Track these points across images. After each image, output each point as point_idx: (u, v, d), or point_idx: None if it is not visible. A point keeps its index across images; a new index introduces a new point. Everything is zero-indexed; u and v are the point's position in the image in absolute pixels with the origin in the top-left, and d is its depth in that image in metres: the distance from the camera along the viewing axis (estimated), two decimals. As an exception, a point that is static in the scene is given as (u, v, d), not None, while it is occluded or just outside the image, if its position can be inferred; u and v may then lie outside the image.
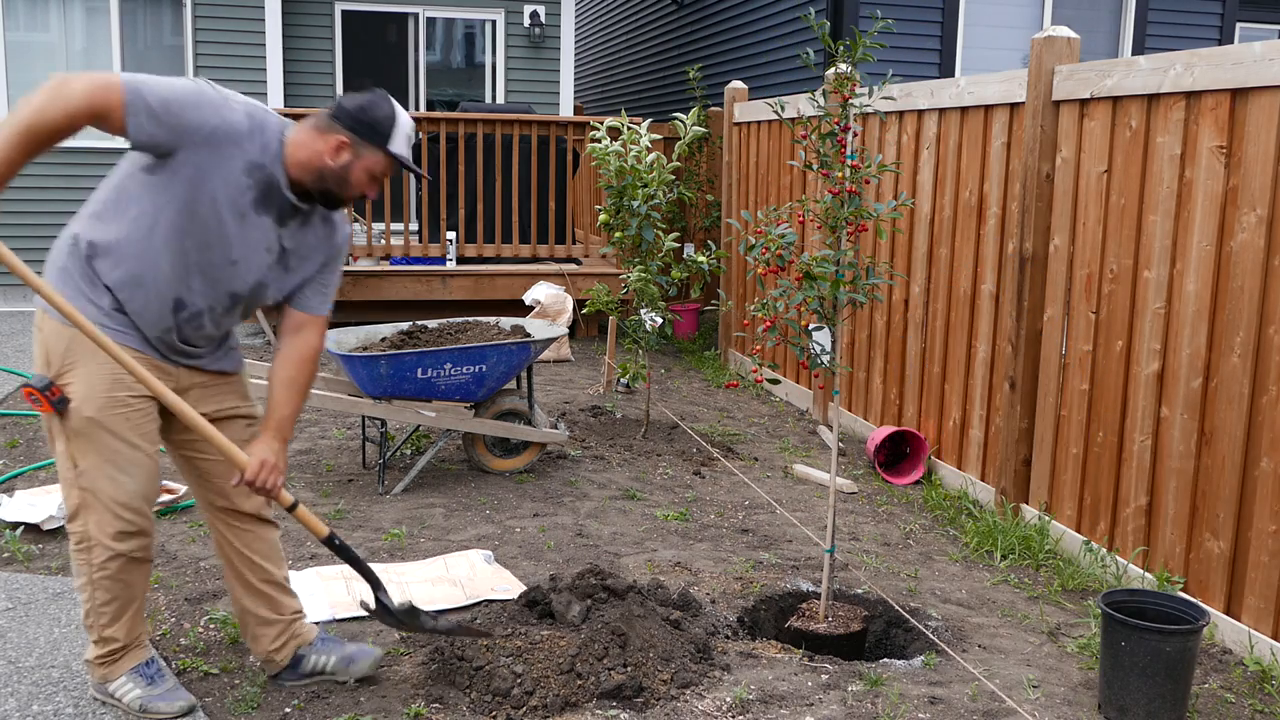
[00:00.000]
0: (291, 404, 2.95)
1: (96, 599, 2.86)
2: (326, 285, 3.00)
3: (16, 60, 10.09)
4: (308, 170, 2.78)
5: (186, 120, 2.62)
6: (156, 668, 3.01)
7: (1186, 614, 3.22)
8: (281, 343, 2.98)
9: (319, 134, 2.78)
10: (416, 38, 11.52)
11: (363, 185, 2.83)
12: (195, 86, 2.67)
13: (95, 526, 2.78)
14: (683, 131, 6.50)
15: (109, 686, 2.98)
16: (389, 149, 2.81)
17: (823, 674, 3.34)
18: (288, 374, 2.95)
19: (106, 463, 2.76)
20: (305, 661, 3.19)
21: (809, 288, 3.51)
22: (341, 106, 2.79)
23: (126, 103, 2.56)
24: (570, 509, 4.85)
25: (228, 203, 2.72)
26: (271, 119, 2.78)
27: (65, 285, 2.76)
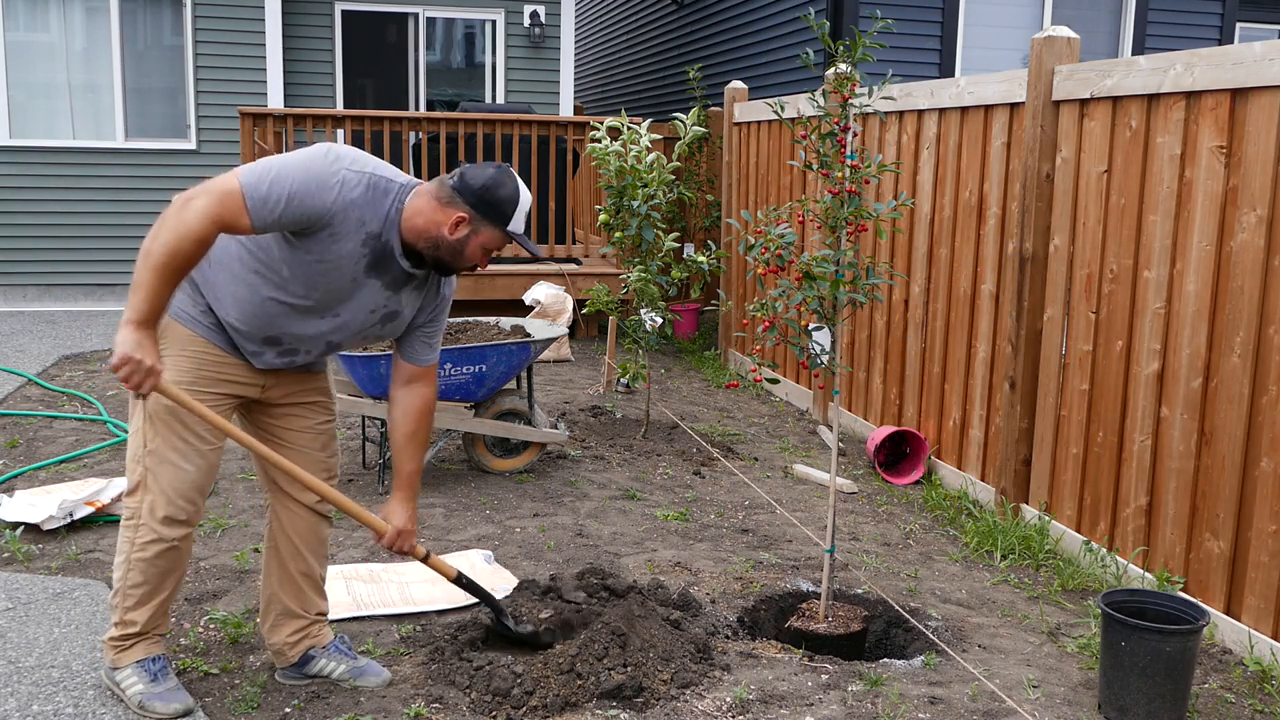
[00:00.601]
0: (416, 459, 3.06)
1: (129, 579, 2.91)
2: (433, 336, 3.05)
3: (16, 60, 10.09)
4: (423, 238, 2.81)
5: (309, 209, 2.67)
6: (162, 665, 3.02)
7: (1186, 614, 3.22)
8: (396, 396, 3.04)
9: (439, 206, 2.80)
10: (416, 38, 11.52)
11: (476, 258, 2.87)
12: (315, 168, 2.68)
13: (148, 508, 2.86)
14: (683, 131, 6.50)
15: (117, 674, 3.01)
16: (509, 230, 2.85)
17: (823, 674, 3.34)
18: (408, 429, 3.03)
19: (174, 449, 2.84)
20: (313, 663, 3.20)
21: (809, 288, 3.51)
22: (467, 182, 2.80)
23: (250, 210, 2.62)
24: (570, 509, 4.85)
25: (342, 270, 2.78)
26: (393, 186, 2.79)
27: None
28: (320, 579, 3.23)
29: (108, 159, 10.25)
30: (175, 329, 2.84)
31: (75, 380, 6.99)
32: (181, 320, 2.84)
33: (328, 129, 8.80)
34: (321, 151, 2.73)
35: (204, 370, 2.85)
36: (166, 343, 2.81)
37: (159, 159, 10.34)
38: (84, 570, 4.01)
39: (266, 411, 3.04)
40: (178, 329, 2.84)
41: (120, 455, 5.42)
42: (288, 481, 3.08)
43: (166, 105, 10.45)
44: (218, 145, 10.35)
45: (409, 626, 3.60)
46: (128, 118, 10.32)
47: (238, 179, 2.64)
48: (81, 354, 7.81)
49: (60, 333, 8.55)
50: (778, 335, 3.59)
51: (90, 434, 5.79)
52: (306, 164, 2.69)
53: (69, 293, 10.29)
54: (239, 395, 2.95)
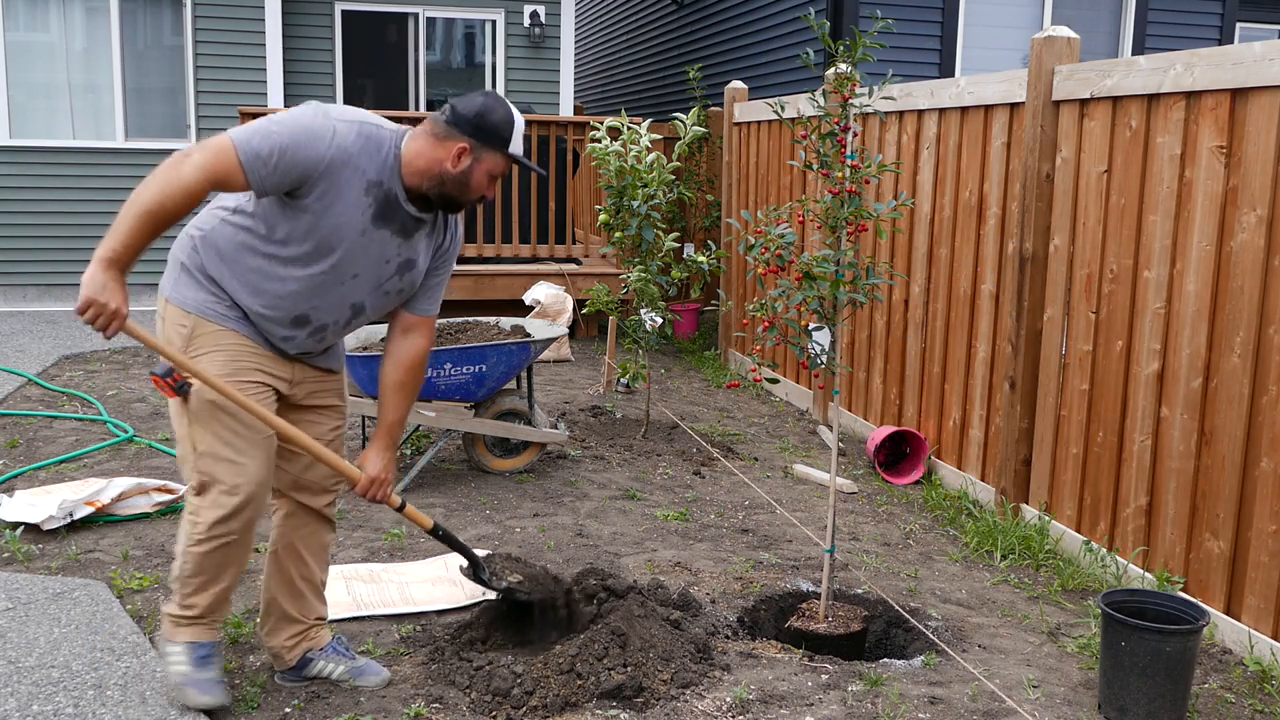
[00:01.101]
0: (401, 409, 3.04)
1: (185, 569, 2.92)
2: (436, 287, 3.05)
3: (16, 60, 10.09)
4: (427, 178, 2.81)
5: (303, 160, 2.67)
6: (208, 653, 2.99)
7: (1186, 614, 3.22)
8: (391, 345, 3.04)
9: (438, 142, 2.80)
10: (416, 38, 11.51)
11: (483, 188, 2.87)
12: (305, 121, 2.70)
13: (208, 505, 2.85)
14: (683, 131, 6.50)
15: (168, 645, 3.00)
16: (510, 152, 2.85)
17: (823, 674, 3.34)
18: (398, 378, 3.03)
19: (225, 445, 2.83)
20: (312, 665, 3.20)
21: (809, 288, 3.51)
22: (459, 112, 2.81)
23: (244, 163, 2.62)
24: (570, 509, 4.85)
25: (349, 223, 2.77)
26: (385, 133, 2.81)
27: (186, 278, 2.85)
28: (321, 584, 3.24)
29: (108, 159, 10.25)
30: (205, 326, 2.83)
31: (75, 380, 6.99)
32: (209, 317, 2.84)
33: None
34: (311, 107, 2.75)
35: (240, 360, 2.85)
36: (198, 340, 2.82)
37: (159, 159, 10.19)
38: (84, 570, 4.01)
39: (287, 415, 3.02)
40: (207, 326, 2.83)
41: (119, 455, 5.43)
42: (295, 488, 3.09)
43: (166, 105, 10.45)
44: (218, 145, 10.34)
45: (409, 626, 3.60)
46: (128, 118, 10.32)
47: (230, 136, 2.64)
48: (81, 354, 7.81)
49: (60, 333, 8.55)
50: (778, 335, 3.59)
51: (90, 434, 5.79)
52: (297, 118, 2.71)
53: (69, 293, 10.28)
54: (275, 386, 2.94)
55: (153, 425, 5.98)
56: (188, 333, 2.83)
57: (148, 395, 6.66)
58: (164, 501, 4.60)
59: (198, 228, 2.88)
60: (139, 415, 6.18)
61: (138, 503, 4.56)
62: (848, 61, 3.52)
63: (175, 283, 2.88)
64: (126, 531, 4.39)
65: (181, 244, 2.91)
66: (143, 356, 7.84)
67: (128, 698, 3.08)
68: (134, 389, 6.82)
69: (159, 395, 6.66)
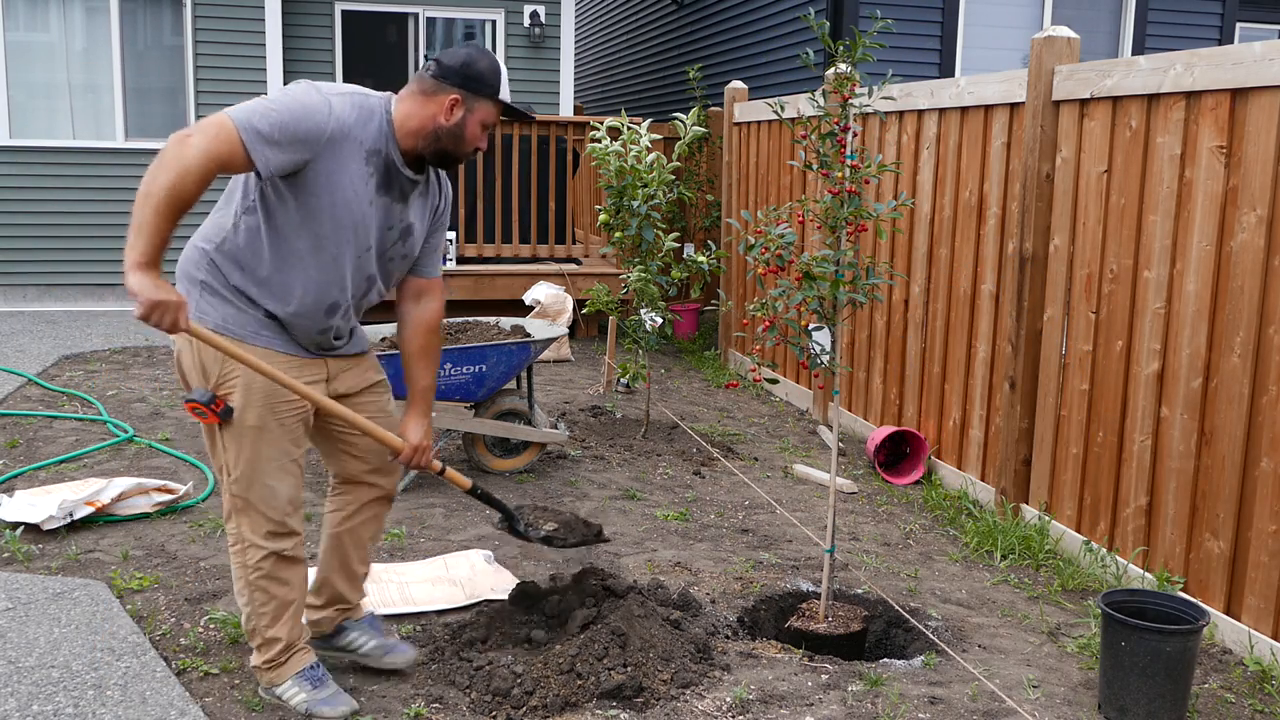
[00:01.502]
0: (429, 374, 3.09)
1: (255, 601, 2.93)
2: (437, 247, 3.08)
3: (16, 60, 10.09)
4: (421, 136, 2.82)
5: (303, 134, 2.66)
6: (322, 672, 3.05)
7: (1186, 614, 3.22)
8: (405, 312, 3.07)
9: (427, 98, 2.82)
10: (416, 38, 11.52)
11: (476, 139, 2.88)
12: (299, 96, 2.70)
13: (249, 528, 2.88)
14: (683, 131, 6.50)
15: (277, 689, 3.03)
16: (500, 98, 2.86)
17: (823, 674, 3.34)
18: (420, 344, 3.06)
19: (260, 470, 2.85)
20: (344, 634, 3.25)
21: (809, 288, 3.51)
22: (445, 65, 2.82)
23: (245, 142, 2.59)
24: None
25: (356, 196, 2.77)
26: (374, 100, 2.83)
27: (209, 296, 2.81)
28: (369, 566, 3.29)
29: (108, 159, 10.25)
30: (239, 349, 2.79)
31: (75, 380, 6.98)
32: (241, 337, 2.80)
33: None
34: (303, 84, 2.75)
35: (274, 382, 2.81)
36: (232, 365, 2.78)
37: (159, 159, 10.33)
38: (84, 570, 4.01)
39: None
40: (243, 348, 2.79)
41: (119, 455, 5.43)
42: (373, 474, 3.11)
43: (166, 105, 10.45)
44: (218, 145, 10.34)
45: (409, 626, 3.60)
46: (128, 118, 10.32)
47: (228, 115, 2.61)
48: (81, 354, 7.81)
49: (60, 333, 8.55)
50: (778, 335, 3.59)
51: (90, 434, 5.79)
52: (293, 94, 2.70)
53: (69, 293, 10.29)
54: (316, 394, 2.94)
55: (153, 425, 5.98)
56: (221, 354, 2.79)
57: (148, 395, 6.66)
58: (164, 501, 4.60)
59: (208, 240, 2.82)
60: (139, 415, 6.18)
61: (138, 503, 4.56)
62: (848, 61, 3.52)
63: (197, 303, 2.79)
64: (126, 531, 4.39)
65: (194, 260, 2.84)
66: (142, 357, 7.84)
67: (128, 698, 3.08)
68: (134, 389, 6.82)
69: (159, 395, 6.66)
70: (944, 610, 3.88)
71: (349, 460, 3.10)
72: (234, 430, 2.81)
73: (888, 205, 3.55)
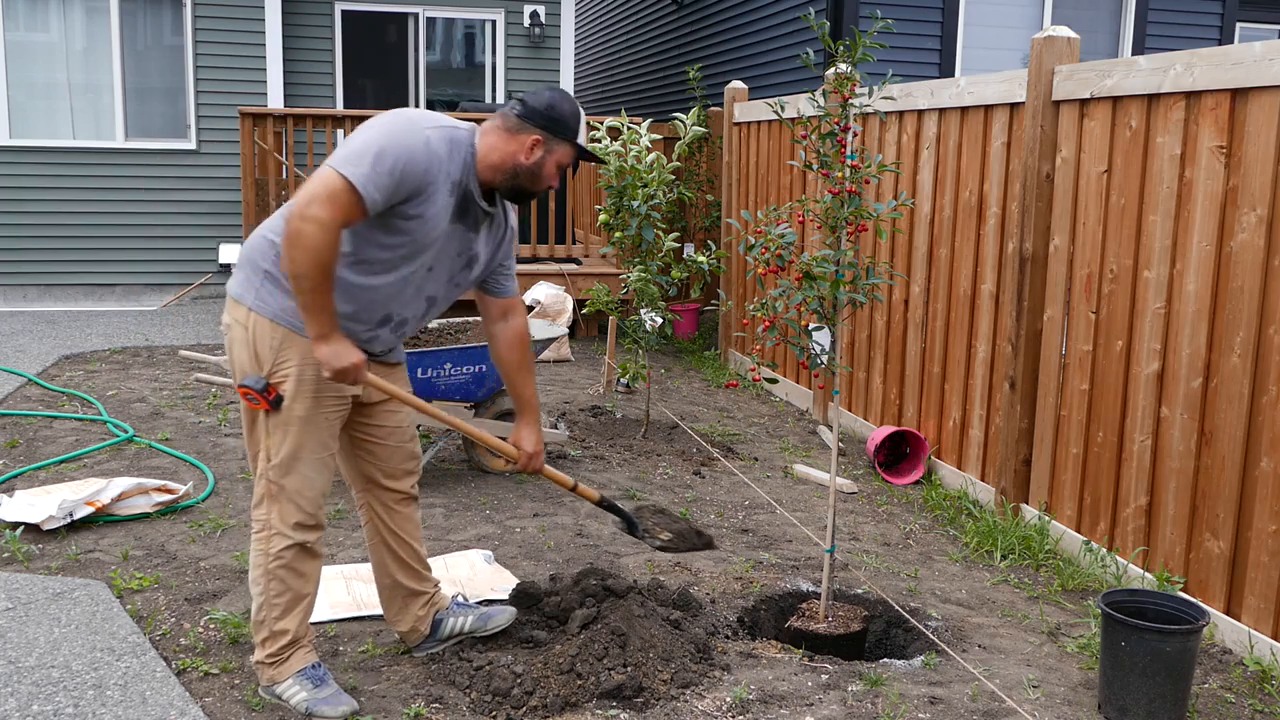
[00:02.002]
0: (531, 384, 3.25)
1: (270, 590, 2.98)
2: (510, 268, 3.21)
3: (16, 60, 10.09)
4: (500, 171, 2.92)
5: (410, 179, 2.75)
6: (323, 672, 3.08)
7: (1186, 614, 3.22)
8: (495, 333, 3.20)
9: (511, 135, 2.92)
10: (416, 38, 11.52)
11: (551, 178, 3.00)
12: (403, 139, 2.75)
13: (278, 517, 2.95)
14: (683, 131, 6.50)
15: (277, 688, 3.05)
16: (578, 142, 2.98)
17: (823, 674, 3.34)
18: (518, 359, 3.21)
19: (300, 460, 2.92)
20: (444, 626, 3.34)
21: (809, 288, 3.51)
22: (530, 107, 2.92)
23: (364, 197, 2.69)
24: (570, 509, 4.85)
25: (436, 222, 2.86)
26: (462, 133, 2.91)
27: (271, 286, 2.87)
28: (425, 554, 3.35)
29: (108, 159, 10.25)
30: (295, 340, 2.86)
31: (75, 380, 6.99)
32: (298, 330, 2.85)
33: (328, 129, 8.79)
34: (402, 120, 2.81)
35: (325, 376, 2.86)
36: (288, 353, 2.86)
37: (159, 159, 10.34)
38: (84, 570, 4.01)
39: (362, 414, 3.10)
40: (298, 340, 2.86)
41: (119, 455, 5.43)
42: (385, 476, 3.18)
43: (166, 105, 10.45)
44: (218, 145, 10.36)
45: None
46: (128, 118, 10.32)
47: (339, 173, 2.67)
48: (81, 354, 7.81)
49: (60, 333, 8.55)
50: (778, 335, 3.59)
51: (90, 434, 5.79)
52: (396, 137, 2.75)
53: (69, 293, 10.29)
54: (353, 395, 3.01)
55: (153, 425, 5.98)
56: (277, 344, 2.86)
57: (147, 395, 6.66)
58: (164, 501, 4.60)
59: (278, 233, 2.87)
60: (139, 415, 6.18)
61: (138, 503, 4.56)
62: (848, 61, 3.52)
63: (259, 291, 2.87)
64: (126, 531, 4.39)
65: (261, 249, 2.91)
66: (142, 357, 7.84)
67: (128, 698, 3.08)
68: (134, 389, 6.82)
69: (159, 395, 6.66)
70: (944, 610, 3.88)
71: (367, 464, 3.18)
72: (281, 418, 2.89)
73: (888, 205, 3.55)
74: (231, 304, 2.93)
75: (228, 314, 2.95)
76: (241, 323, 2.89)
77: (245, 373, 2.88)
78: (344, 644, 3.46)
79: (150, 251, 10.38)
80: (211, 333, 8.82)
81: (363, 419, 3.12)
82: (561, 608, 3.52)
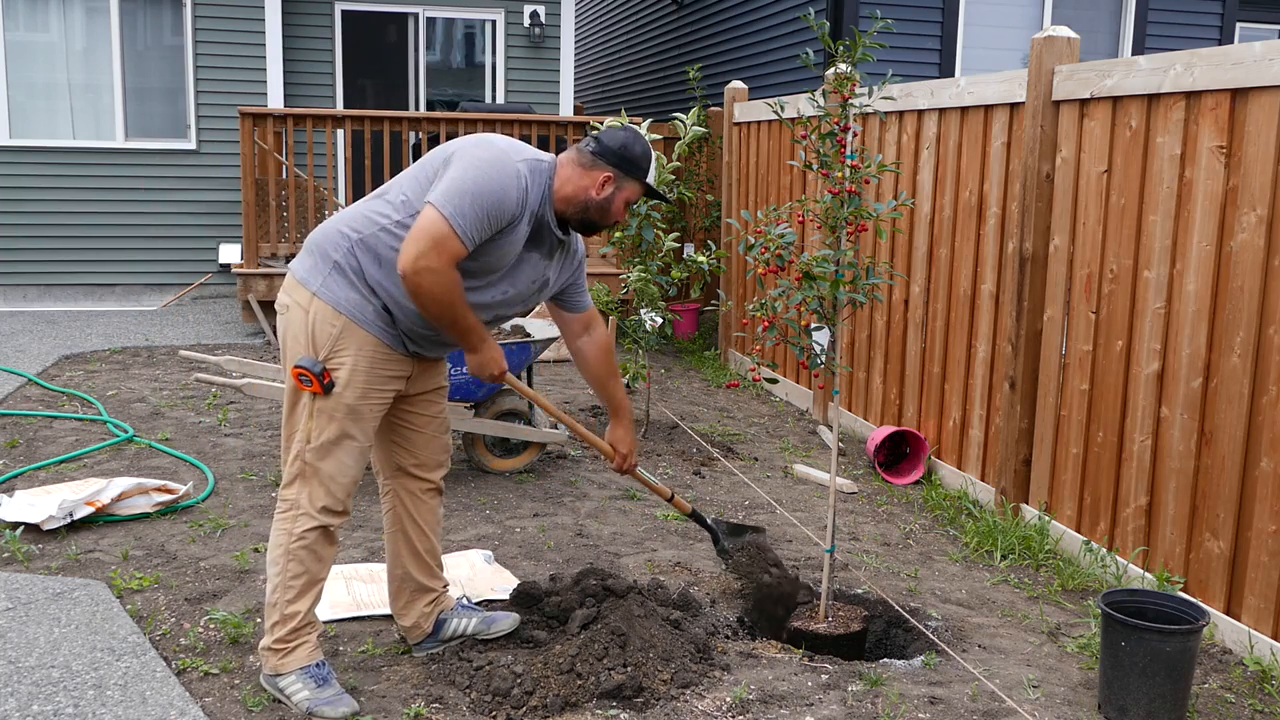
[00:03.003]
0: (620, 388, 3.40)
1: (289, 570, 3.02)
2: (583, 286, 3.32)
3: (16, 60, 10.09)
4: (572, 204, 3.03)
5: (503, 215, 2.86)
6: (326, 671, 3.10)
7: (1186, 614, 3.22)
8: (580, 347, 3.33)
9: (584, 171, 3.03)
10: (416, 38, 11.51)
11: (619, 213, 3.11)
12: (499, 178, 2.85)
13: (307, 498, 3.00)
14: (683, 131, 6.50)
15: (279, 680, 3.06)
16: (647, 181, 3.10)
17: (823, 674, 3.34)
18: (605, 367, 3.34)
19: (339, 446, 2.98)
20: (446, 626, 3.38)
21: (809, 288, 3.51)
22: (605, 145, 3.04)
23: (463, 238, 2.79)
24: (570, 509, 4.85)
25: (513, 248, 2.95)
26: (543, 165, 3.01)
27: (339, 277, 2.94)
28: (440, 552, 3.40)
29: (108, 159, 10.25)
30: (353, 331, 2.93)
31: (75, 380, 6.99)
32: (358, 322, 2.94)
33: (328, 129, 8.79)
34: (498, 154, 2.89)
35: (376, 369, 2.97)
36: (345, 342, 2.93)
37: (159, 159, 10.34)
38: (84, 570, 4.01)
39: (404, 403, 3.18)
40: (356, 332, 2.94)
41: (119, 455, 5.43)
42: (417, 466, 3.26)
43: (166, 105, 10.45)
44: (218, 145, 10.36)
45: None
46: (128, 118, 10.32)
47: (444, 217, 2.76)
48: (81, 354, 7.81)
49: (60, 333, 8.55)
50: (778, 335, 3.59)
51: (90, 434, 5.79)
52: (489, 174, 2.84)
53: (69, 293, 10.29)
54: (399, 389, 3.08)
55: (153, 425, 5.98)
56: (336, 332, 2.92)
57: (147, 395, 6.66)
58: (164, 501, 4.60)
59: (354, 229, 2.95)
60: (139, 415, 6.18)
61: (138, 503, 4.56)
62: (848, 61, 3.52)
63: (326, 278, 2.94)
64: (126, 531, 4.39)
65: (334, 241, 2.97)
66: (142, 357, 7.84)
67: (128, 698, 3.08)
68: (134, 389, 6.82)
69: (159, 395, 6.66)
70: (944, 610, 3.88)
71: (401, 453, 3.24)
72: (328, 404, 2.94)
73: (888, 205, 3.55)
74: (294, 285, 2.98)
75: (287, 295, 3.00)
76: (303, 305, 2.95)
77: (299, 354, 2.94)
78: (344, 644, 3.46)
79: (150, 251, 10.38)
80: (212, 333, 8.82)
81: (404, 407, 3.19)
82: (561, 608, 3.52)
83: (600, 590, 3.50)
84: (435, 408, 3.25)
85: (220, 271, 10.49)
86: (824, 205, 3.60)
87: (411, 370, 3.10)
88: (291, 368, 2.94)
